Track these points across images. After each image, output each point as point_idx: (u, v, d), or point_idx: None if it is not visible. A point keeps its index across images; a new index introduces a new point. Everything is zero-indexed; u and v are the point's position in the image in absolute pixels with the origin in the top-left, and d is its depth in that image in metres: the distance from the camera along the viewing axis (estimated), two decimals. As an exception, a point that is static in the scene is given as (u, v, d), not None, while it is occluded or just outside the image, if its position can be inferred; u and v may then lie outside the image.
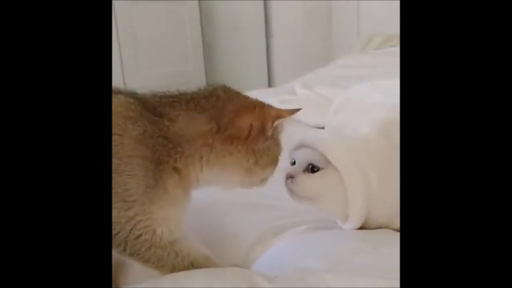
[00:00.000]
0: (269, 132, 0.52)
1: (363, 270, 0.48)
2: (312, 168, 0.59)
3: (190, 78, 2.49)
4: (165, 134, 0.49)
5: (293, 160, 0.63)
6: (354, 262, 0.51)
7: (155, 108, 0.50)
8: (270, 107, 0.54)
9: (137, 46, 2.34)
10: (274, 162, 0.55)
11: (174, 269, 0.50)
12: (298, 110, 0.55)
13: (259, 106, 0.53)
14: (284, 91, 1.69)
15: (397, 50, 0.98)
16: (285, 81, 2.40)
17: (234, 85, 0.55)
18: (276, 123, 0.52)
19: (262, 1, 2.57)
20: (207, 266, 0.51)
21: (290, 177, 0.60)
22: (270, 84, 2.67)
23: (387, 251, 0.51)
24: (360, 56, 1.84)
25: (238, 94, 0.54)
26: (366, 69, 1.59)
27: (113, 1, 2.24)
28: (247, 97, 0.55)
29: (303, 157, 0.61)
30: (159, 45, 2.40)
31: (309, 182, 0.59)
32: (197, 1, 2.55)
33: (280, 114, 0.53)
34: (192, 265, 0.51)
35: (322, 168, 0.59)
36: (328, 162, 0.59)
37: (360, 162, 0.59)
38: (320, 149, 0.59)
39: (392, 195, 0.58)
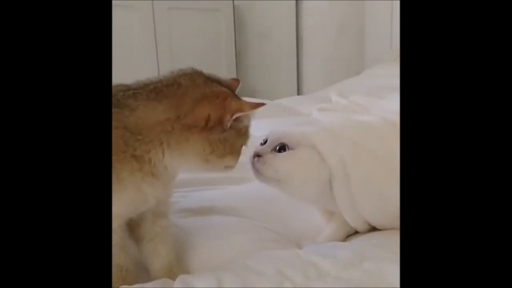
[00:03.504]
0: (227, 125, 0.52)
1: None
2: (281, 148, 0.58)
3: (222, 84, 2.56)
4: (124, 124, 0.50)
5: (264, 140, 0.62)
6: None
7: (119, 100, 0.51)
8: (233, 99, 0.53)
9: (173, 52, 2.41)
10: (232, 152, 0.54)
11: None
12: (261, 104, 0.54)
13: (222, 97, 0.52)
14: (319, 99, 1.73)
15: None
16: (314, 88, 2.45)
17: (264, 91, 0.55)
18: (235, 116, 0.52)
19: (294, 10, 2.63)
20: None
21: (257, 155, 0.59)
22: (299, 92, 2.72)
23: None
24: (393, 66, 1.87)
25: (206, 80, 0.54)
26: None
27: (153, 9, 2.33)
28: (215, 85, 0.54)
29: (276, 136, 0.60)
30: (194, 51, 2.47)
31: (276, 161, 0.58)
32: (231, 10, 2.61)
33: (241, 107, 0.52)
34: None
35: (292, 149, 0.58)
36: (299, 144, 0.58)
37: (344, 160, 0.59)
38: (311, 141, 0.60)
39: (374, 195, 0.59)
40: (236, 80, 0.59)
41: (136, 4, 2.28)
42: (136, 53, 2.26)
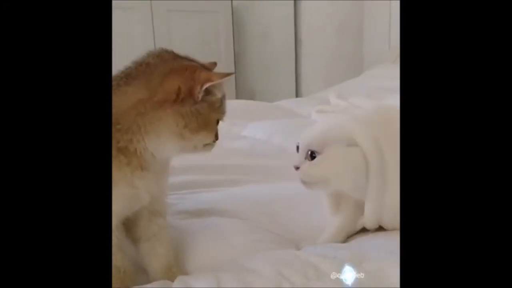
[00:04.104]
0: (198, 96, 0.52)
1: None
2: (312, 154, 0.62)
3: (221, 86, 2.57)
4: None
5: (297, 146, 0.65)
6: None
7: None
8: (202, 70, 0.53)
9: (172, 54, 2.41)
10: (207, 127, 0.53)
11: None
12: (230, 74, 0.54)
13: (191, 69, 0.52)
14: (318, 101, 1.74)
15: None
16: (312, 90, 2.45)
17: (262, 92, 0.55)
18: (205, 86, 0.51)
19: (293, 11, 2.64)
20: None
21: (296, 168, 0.63)
22: (297, 93, 2.73)
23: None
24: (392, 67, 1.87)
25: (174, 56, 0.54)
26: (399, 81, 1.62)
27: (152, 10, 2.34)
28: (184, 59, 0.54)
29: (304, 145, 0.63)
30: (193, 53, 2.46)
31: (311, 170, 0.62)
32: (230, 12, 2.62)
33: (210, 77, 0.52)
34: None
35: (319, 153, 0.61)
36: (325, 145, 0.62)
37: (379, 141, 0.61)
38: (347, 127, 0.63)
39: None
40: (213, 63, 0.59)
41: (136, 5, 2.28)
42: (135, 55, 2.25)
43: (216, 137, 0.56)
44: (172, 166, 0.60)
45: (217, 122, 0.56)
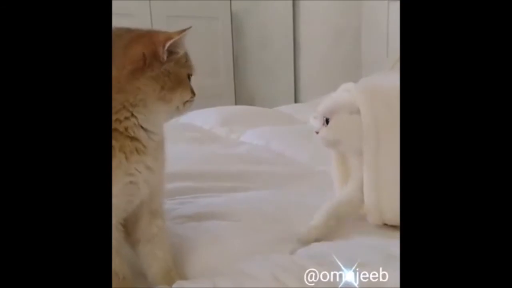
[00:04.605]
0: (163, 57, 0.53)
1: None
2: (327, 120, 0.72)
3: (220, 90, 2.58)
4: None
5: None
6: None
7: None
8: (159, 32, 0.54)
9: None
10: (180, 83, 0.55)
11: None
12: (187, 29, 0.55)
13: (148, 35, 0.54)
14: (317, 106, 1.74)
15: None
16: (311, 94, 2.46)
17: (262, 97, 0.56)
18: (167, 45, 0.53)
19: (291, 16, 2.65)
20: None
21: (317, 132, 0.74)
22: (296, 97, 2.74)
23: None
24: (391, 73, 1.88)
25: (127, 30, 0.55)
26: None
27: (151, 17, 2.35)
28: (137, 29, 0.56)
29: (320, 111, 0.74)
30: (192, 58, 2.47)
31: (325, 133, 0.72)
32: (229, 17, 2.64)
33: (169, 35, 0.53)
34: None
35: (330, 119, 0.72)
36: (333, 113, 0.71)
37: (378, 117, 0.68)
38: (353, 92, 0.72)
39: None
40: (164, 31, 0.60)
41: (135, 11, 2.30)
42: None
43: (193, 93, 0.58)
44: (170, 172, 0.61)
45: (189, 78, 0.58)
